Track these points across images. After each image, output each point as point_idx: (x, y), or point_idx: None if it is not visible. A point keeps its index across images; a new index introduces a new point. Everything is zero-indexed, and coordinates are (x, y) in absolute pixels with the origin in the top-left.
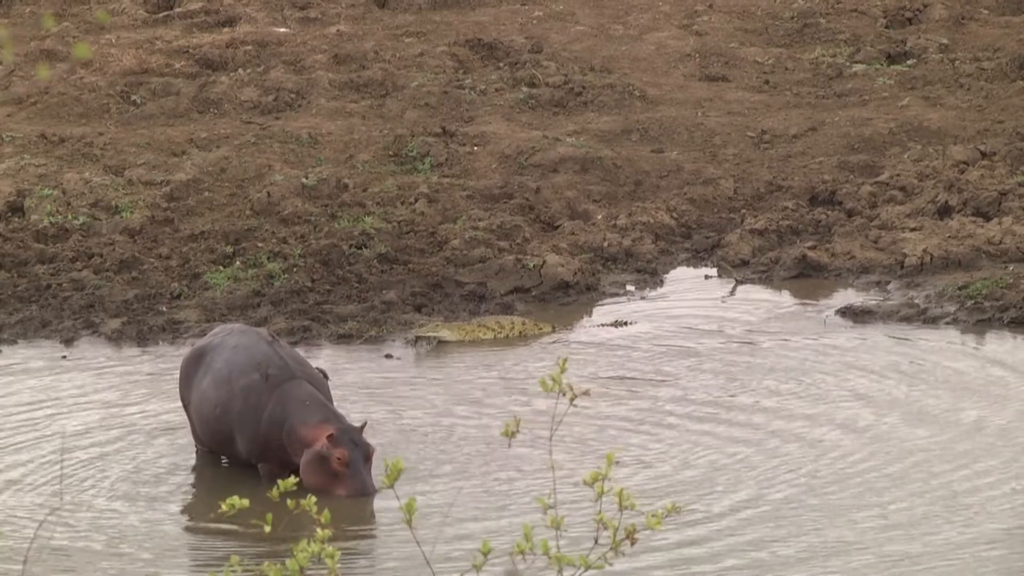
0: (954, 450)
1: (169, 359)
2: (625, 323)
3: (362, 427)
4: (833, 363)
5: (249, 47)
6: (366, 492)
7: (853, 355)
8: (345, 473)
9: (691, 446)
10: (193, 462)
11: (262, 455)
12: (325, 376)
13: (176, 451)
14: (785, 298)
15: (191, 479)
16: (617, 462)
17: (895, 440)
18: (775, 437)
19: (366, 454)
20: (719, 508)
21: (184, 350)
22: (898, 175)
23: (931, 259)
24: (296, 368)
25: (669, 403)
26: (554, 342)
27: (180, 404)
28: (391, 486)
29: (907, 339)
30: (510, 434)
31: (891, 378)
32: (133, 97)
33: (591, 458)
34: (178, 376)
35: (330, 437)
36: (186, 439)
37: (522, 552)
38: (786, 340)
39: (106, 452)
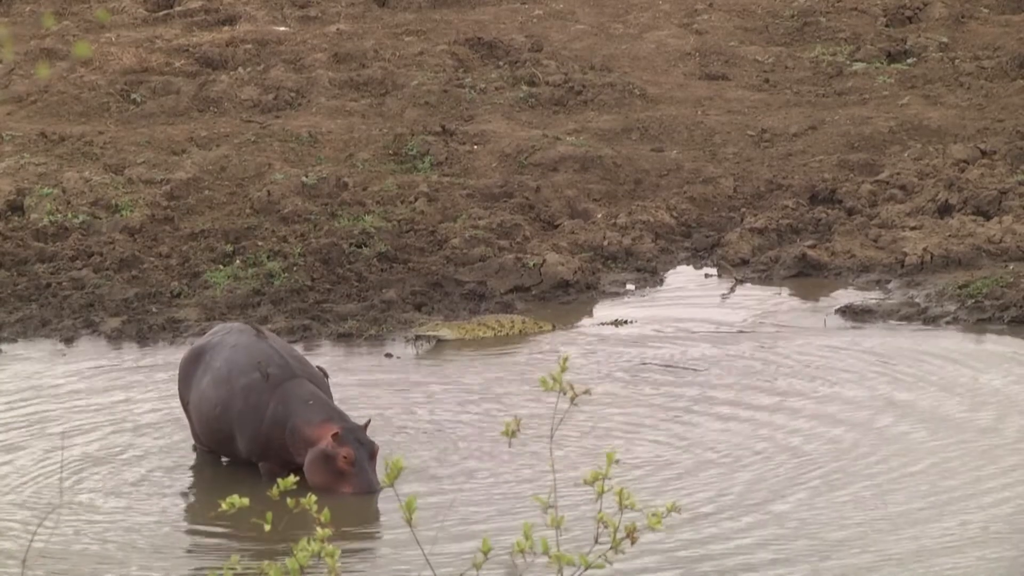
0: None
1: (170, 357)
2: (625, 322)
3: (365, 425)
4: (841, 360)
5: (249, 46)
6: (372, 490)
7: (856, 352)
8: (350, 471)
9: (741, 438)
10: (193, 461)
11: (263, 454)
12: (325, 375)
13: (176, 450)
14: (785, 297)
15: (191, 478)
16: (617, 461)
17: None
18: (803, 434)
19: (371, 452)
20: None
21: (184, 349)
22: (898, 174)
23: (931, 258)
24: (296, 367)
25: (685, 399)
26: (568, 331)
27: (179, 403)
28: (391, 485)
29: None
30: (510, 434)
31: (890, 374)
32: (133, 96)
33: (639, 446)
34: (177, 375)
35: (335, 436)
36: (186, 438)
37: (522, 551)
38: (786, 339)
39: (106, 451)
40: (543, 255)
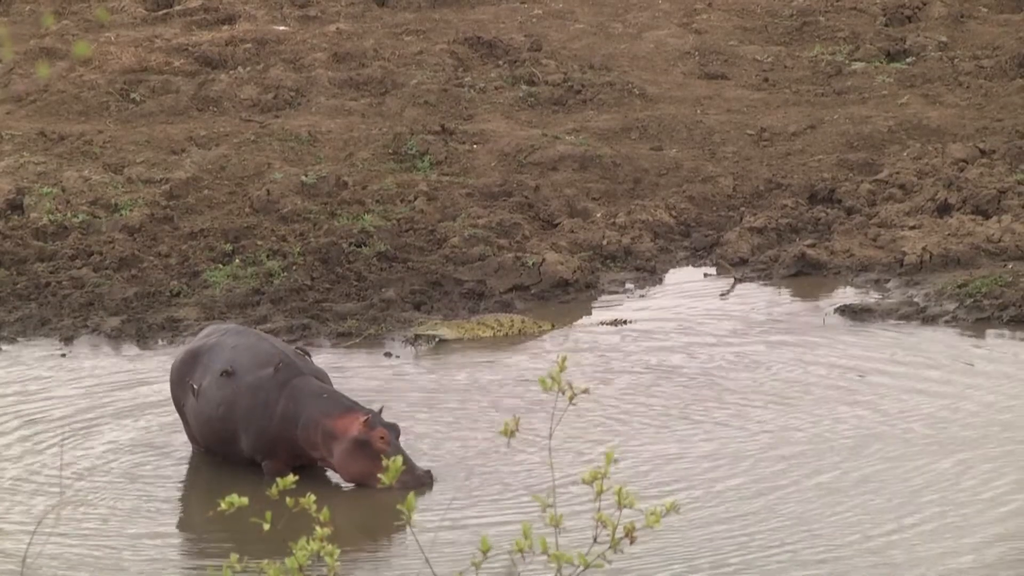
0: None
1: (169, 356)
2: (624, 321)
3: (380, 411)
4: (839, 359)
5: (248, 45)
6: (420, 481)
7: (855, 351)
8: (389, 451)
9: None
10: (192, 461)
11: (269, 452)
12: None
13: (175, 450)
14: (784, 296)
15: (190, 478)
16: (616, 460)
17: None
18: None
19: (397, 433)
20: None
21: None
22: (897, 173)
23: (930, 257)
24: (302, 364)
25: (683, 398)
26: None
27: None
28: (390, 485)
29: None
30: (509, 433)
31: (889, 370)
32: (132, 95)
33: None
34: (170, 378)
35: (365, 421)
36: (185, 438)
37: (521, 551)
38: (786, 337)
39: (105, 450)
40: (542, 254)
